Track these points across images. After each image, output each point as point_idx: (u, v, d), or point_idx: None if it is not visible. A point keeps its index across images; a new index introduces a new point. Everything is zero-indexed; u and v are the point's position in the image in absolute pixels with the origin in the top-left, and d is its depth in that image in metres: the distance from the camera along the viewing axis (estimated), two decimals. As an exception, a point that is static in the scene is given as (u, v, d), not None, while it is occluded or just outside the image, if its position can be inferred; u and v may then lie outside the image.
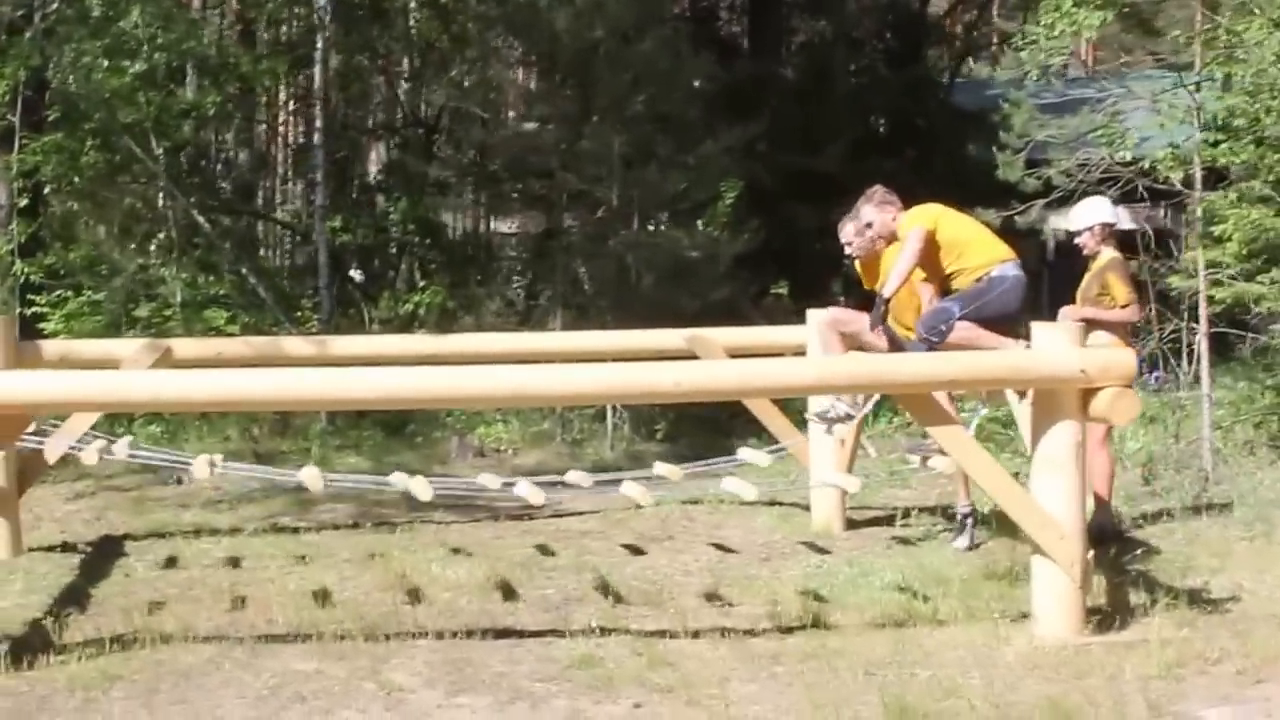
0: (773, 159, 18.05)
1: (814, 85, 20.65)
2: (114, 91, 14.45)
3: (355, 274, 18.47)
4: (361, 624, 7.10)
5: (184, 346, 9.96)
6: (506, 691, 6.12)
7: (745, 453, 9.45)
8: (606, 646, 6.75)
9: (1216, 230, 11.11)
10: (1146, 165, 11.11)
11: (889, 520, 10.01)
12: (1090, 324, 8.48)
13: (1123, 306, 9.26)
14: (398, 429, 14.36)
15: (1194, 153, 10.86)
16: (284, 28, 19.36)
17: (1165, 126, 11.02)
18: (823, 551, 9.17)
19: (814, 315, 9.59)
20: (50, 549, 9.46)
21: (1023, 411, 7.25)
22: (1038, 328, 6.79)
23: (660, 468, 9.13)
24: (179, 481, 11.90)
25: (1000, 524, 9.49)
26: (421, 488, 8.26)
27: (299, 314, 15.91)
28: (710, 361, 8.44)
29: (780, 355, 10.05)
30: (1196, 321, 11.20)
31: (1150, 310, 11.73)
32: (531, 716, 5.83)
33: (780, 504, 10.52)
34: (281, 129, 21.92)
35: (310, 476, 8.44)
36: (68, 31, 14.87)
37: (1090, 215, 9.48)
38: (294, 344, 10.19)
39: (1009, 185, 12.20)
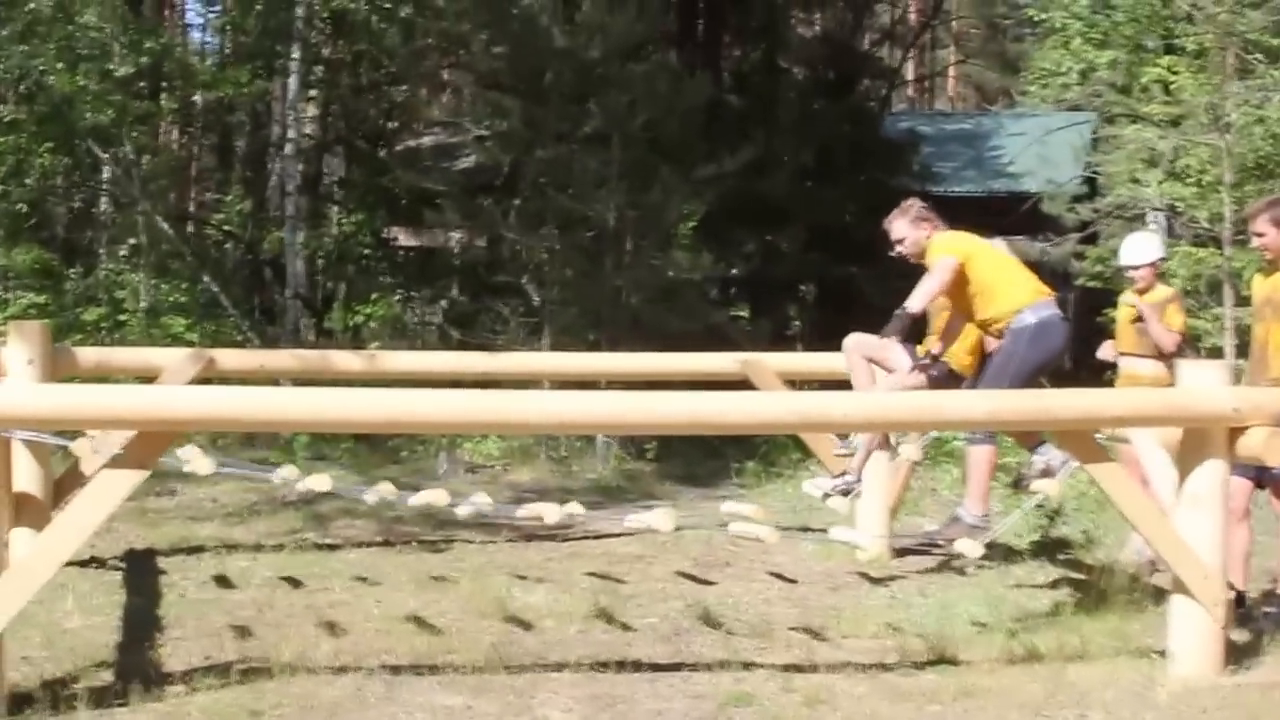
0: (721, 184, 18.08)
1: (760, 114, 20.78)
2: (77, 95, 14.01)
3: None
4: (482, 654, 6.88)
5: (228, 358, 9.54)
6: (674, 730, 5.96)
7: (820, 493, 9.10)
8: (749, 682, 6.58)
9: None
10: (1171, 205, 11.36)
11: (927, 549, 9.94)
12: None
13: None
14: (379, 441, 14.02)
15: (1223, 192, 11.09)
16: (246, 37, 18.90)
17: (1191, 168, 11.25)
18: (882, 582, 9.11)
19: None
20: (83, 564, 9.04)
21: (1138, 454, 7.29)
22: (1186, 366, 6.80)
23: (734, 506, 8.51)
24: (171, 493, 11.55)
25: (1051, 554, 9.63)
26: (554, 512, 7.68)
27: (258, 324, 15.56)
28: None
29: (829, 382, 10.03)
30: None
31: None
32: (714, 758, 5.67)
33: (809, 529, 10.35)
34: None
35: (438, 495, 7.84)
36: (17, 32, 14.46)
37: (1150, 250, 9.67)
38: (342, 358, 9.78)
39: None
